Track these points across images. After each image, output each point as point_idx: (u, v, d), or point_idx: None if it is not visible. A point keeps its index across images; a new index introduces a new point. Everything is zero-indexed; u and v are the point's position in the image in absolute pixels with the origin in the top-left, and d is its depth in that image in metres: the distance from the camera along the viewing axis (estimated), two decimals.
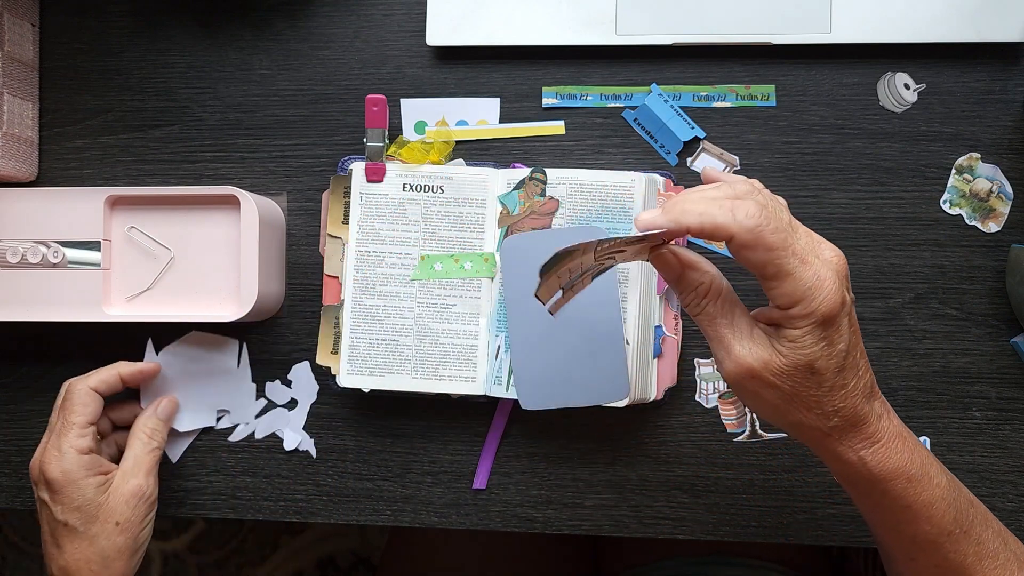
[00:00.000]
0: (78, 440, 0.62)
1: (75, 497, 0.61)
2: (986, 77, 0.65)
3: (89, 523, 0.61)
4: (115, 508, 0.61)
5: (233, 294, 0.66)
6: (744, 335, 0.48)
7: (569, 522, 0.68)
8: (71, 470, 0.61)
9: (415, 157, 0.67)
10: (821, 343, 0.46)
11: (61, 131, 0.71)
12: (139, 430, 0.65)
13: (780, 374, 0.47)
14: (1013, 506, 0.65)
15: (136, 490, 0.62)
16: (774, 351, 0.47)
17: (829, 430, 0.48)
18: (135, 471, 0.63)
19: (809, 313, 0.46)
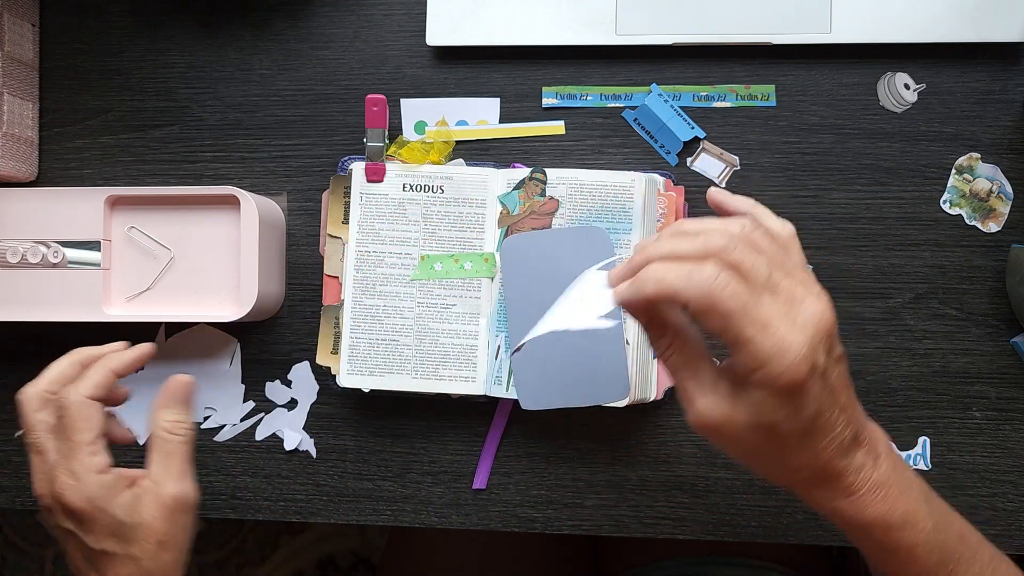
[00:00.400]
0: (91, 459, 0.53)
1: (106, 523, 0.52)
2: (986, 77, 0.65)
3: (128, 545, 0.52)
4: (152, 526, 0.52)
5: (233, 294, 0.66)
6: (707, 388, 0.46)
7: (569, 522, 0.68)
8: (95, 496, 0.52)
9: (415, 157, 0.67)
10: (784, 408, 0.44)
11: (61, 131, 0.71)
12: (158, 428, 0.55)
13: (741, 432, 0.45)
14: (1013, 506, 0.65)
15: (170, 501, 0.53)
16: (736, 408, 0.45)
17: (798, 482, 0.47)
18: (165, 478, 0.54)
19: (767, 382, 0.43)
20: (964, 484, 0.66)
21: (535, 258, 0.63)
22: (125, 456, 0.71)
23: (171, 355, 0.70)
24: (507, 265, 0.63)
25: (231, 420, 0.70)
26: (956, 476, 0.66)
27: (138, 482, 0.54)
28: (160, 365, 0.70)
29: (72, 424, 0.53)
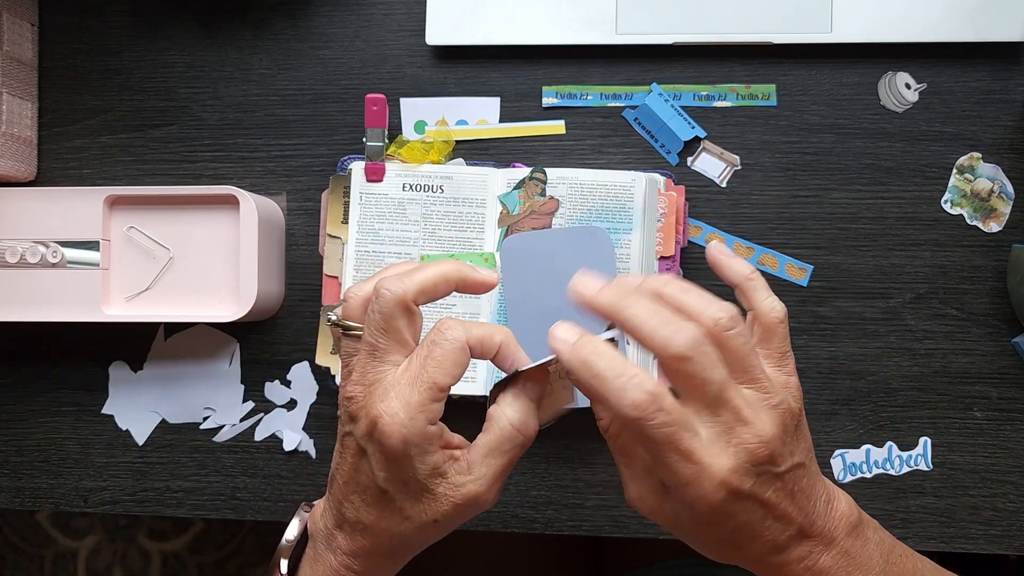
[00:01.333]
0: (433, 405, 0.46)
1: (406, 470, 0.46)
2: (987, 77, 0.65)
3: (409, 503, 0.47)
4: (441, 505, 0.47)
5: (232, 294, 0.66)
6: (638, 477, 0.46)
7: (569, 523, 0.68)
8: (414, 442, 0.45)
9: (415, 157, 0.67)
10: (702, 523, 0.44)
11: (60, 131, 0.71)
12: (505, 418, 0.48)
13: (670, 526, 0.46)
14: (1014, 506, 0.65)
15: (473, 500, 0.47)
16: (663, 506, 0.45)
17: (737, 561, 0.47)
18: (480, 472, 0.47)
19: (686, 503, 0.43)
20: (965, 484, 0.66)
21: (535, 258, 0.63)
22: (125, 457, 0.71)
23: (171, 355, 0.70)
24: (507, 265, 0.63)
25: (230, 420, 0.70)
26: (957, 476, 0.66)
27: (455, 452, 0.48)
28: (160, 365, 0.70)
29: (440, 362, 0.46)
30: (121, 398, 0.70)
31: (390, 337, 0.47)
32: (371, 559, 0.49)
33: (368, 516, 0.48)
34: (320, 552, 0.50)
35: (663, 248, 0.64)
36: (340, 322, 0.49)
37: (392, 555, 0.49)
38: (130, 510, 0.71)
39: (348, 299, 0.50)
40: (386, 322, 0.46)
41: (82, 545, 1.48)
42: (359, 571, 0.49)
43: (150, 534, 1.47)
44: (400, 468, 0.46)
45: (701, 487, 0.42)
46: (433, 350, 0.46)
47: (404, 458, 0.46)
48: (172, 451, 0.70)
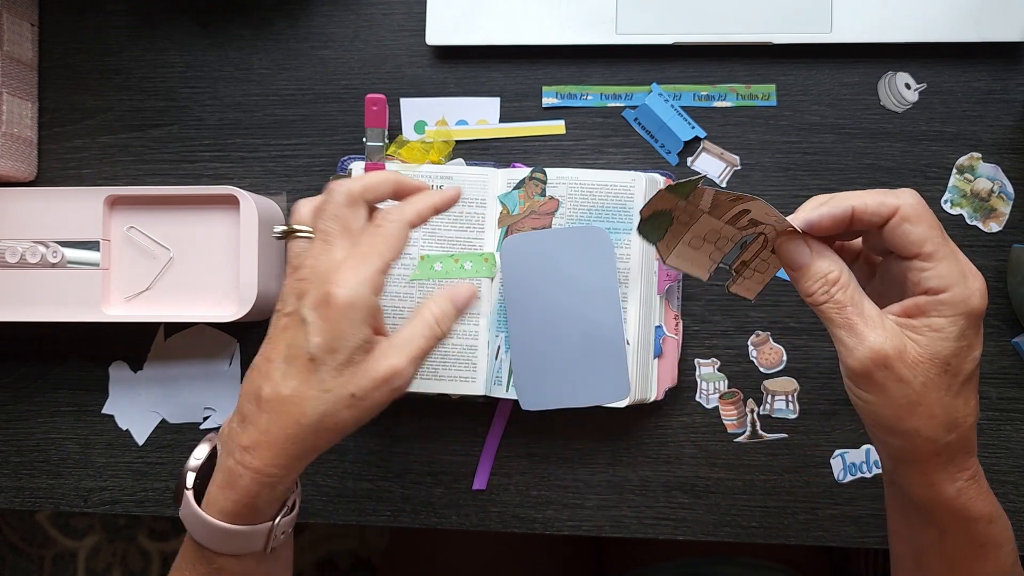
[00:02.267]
0: (379, 276, 0.50)
1: (340, 336, 0.49)
2: (987, 77, 0.65)
3: (331, 374, 0.49)
4: (360, 380, 0.49)
5: (233, 294, 0.66)
6: (876, 323, 0.46)
7: (569, 523, 0.68)
8: (356, 305, 0.49)
9: (415, 157, 0.67)
10: (962, 340, 0.45)
11: (60, 131, 0.71)
12: (426, 309, 0.52)
13: (914, 365, 0.45)
14: (1014, 506, 0.65)
15: (391, 373, 0.50)
16: (908, 341, 0.45)
17: (942, 447, 0.46)
18: (400, 349, 0.50)
19: (961, 300, 0.45)
20: None
21: (535, 258, 0.63)
22: (125, 457, 0.71)
23: (171, 355, 0.70)
24: (507, 265, 0.63)
25: None
26: None
27: (380, 333, 0.52)
28: (160, 365, 0.70)
29: (385, 239, 0.50)
30: (121, 398, 0.70)
31: (338, 223, 0.51)
32: (268, 452, 0.50)
33: (286, 387, 0.49)
34: (221, 460, 0.51)
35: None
36: (291, 227, 0.53)
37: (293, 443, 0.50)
38: (130, 510, 0.71)
39: (298, 207, 0.54)
40: (336, 209, 0.51)
41: (82, 545, 1.48)
42: (254, 469, 0.50)
43: (150, 534, 1.47)
44: (336, 331, 0.49)
45: (977, 279, 0.45)
46: (378, 231, 0.51)
47: (345, 320, 0.49)
48: (172, 451, 0.70)
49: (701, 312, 0.67)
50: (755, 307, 0.66)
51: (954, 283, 0.45)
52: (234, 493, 0.50)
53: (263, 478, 0.50)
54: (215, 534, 0.51)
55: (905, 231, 0.45)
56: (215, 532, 0.51)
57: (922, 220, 0.45)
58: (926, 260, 0.45)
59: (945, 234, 0.46)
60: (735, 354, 0.67)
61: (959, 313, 0.45)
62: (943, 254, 0.45)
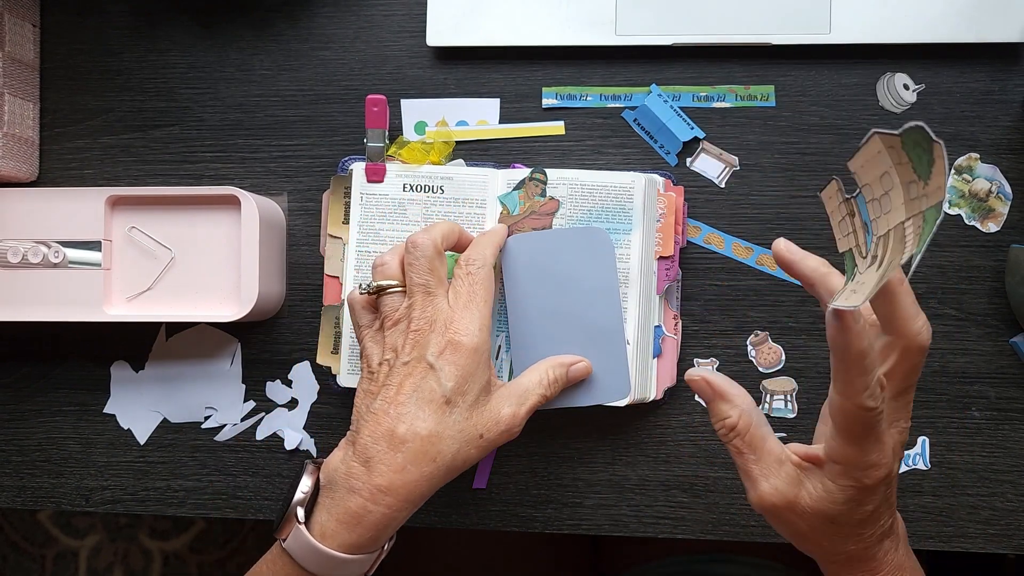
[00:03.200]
0: (487, 320, 0.55)
1: (471, 378, 0.53)
2: (985, 77, 0.66)
3: (465, 415, 0.53)
4: (486, 421, 0.54)
5: (234, 294, 0.66)
6: (771, 471, 0.47)
7: (569, 521, 0.68)
8: (481, 349, 0.54)
9: (415, 157, 0.67)
10: (852, 503, 0.46)
11: (62, 131, 0.71)
12: (545, 368, 0.58)
13: (801, 515, 0.47)
14: (1012, 506, 0.66)
15: (511, 418, 0.55)
16: (802, 491, 0.47)
17: (833, 561, 0.49)
18: (520, 401, 0.55)
19: (853, 479, 0.45)
20: (963, 484, 0.66)
21: (536, 258, 0.63)
22: (126, 456, 0.71)
23: (172, 355, 0.70)
24: (508, 265, 0.63)
25: (231, 420, 0.70)
26: (955, 476, 0.66)
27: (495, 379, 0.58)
28: (161, 365, 0.70)
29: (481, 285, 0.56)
30: (122, 398, 0.71)
31: (435, 276, 0.56)
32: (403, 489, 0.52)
33: (423, 427, 0.53)
34: (340, 496, 0.53)
35: (662, 248, 0.64)
36: (381, 283, 0.58)
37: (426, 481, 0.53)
38: (131, 509, 0.71)
39: (383, 263, 0.58)
40: (430, 263, 0.56)
41: (83, 544, 1.48)
42: (388, 505, 0.52)
43: (151, 533, 1.47)
44: (466, 374, 0.53)
45: (882, 466, 0.45)
46: (472, 279, 0.56)
47: (471, 363, 0.54)
48: (173, 450, 0.71)
49: (700, 312, 0.67)
50: (754, 307, 0.67)
51: (852, 463, 0.45)
52: (363, 529, 0.53)
53: (394, 513, 0.53)
54: (332, 563, 0.53)
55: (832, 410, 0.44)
56: (333, 562, 0.53)
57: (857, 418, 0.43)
58: (840, 437, 0.45)
59: (875, 427, 0.44)
60: (734, 354, 0.67)
61: (851, 486, 0.45)
62: (855, 442, 0.44)
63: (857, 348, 0.41)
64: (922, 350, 0.44)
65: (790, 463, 0.47)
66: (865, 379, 0.42)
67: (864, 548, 0.48)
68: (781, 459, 0.47)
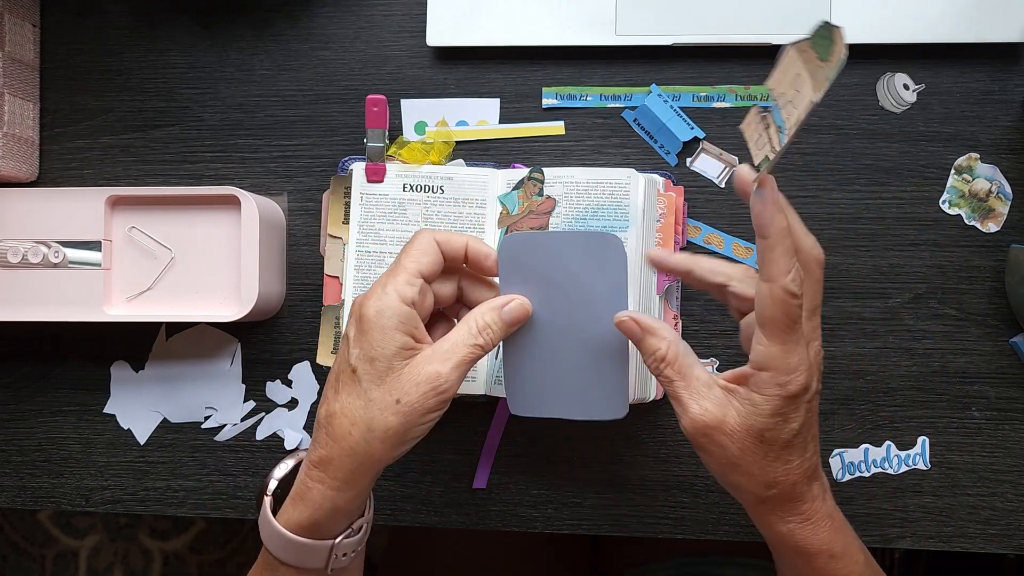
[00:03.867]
0: (404, 287, 0.53)
1: (375, 345, 0.52)
2: (985, 77, 0.66)
3: (372, 383, 0.52)
4: (403, 384, 0.52)
5: (234, 294, 0.66)
6: (701, 395, 0.50)
7: (569, 521, 0.68)
8: (384, 313, 0.52)
9: (415, 157, 0.67)
10: (777, 416, 0.48)
11: (62, 131, 0.71)
12: (472, 317, 0.54)
13: (731, 433, 0.49)
14: (1012, 505, 0.66)
15: (433, 377, 0.52)
16: (730, 410, 0.49)
17: (764, 499, 0.51)
18: (445, 357, 0.52)
19: (778, 384, 0.48)
20: (963, 484, 0.66)
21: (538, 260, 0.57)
22: (126, 456, 0.71)
23: (172, 355, 0.70)
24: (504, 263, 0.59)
25: (232, 420, 0.70)
26: (955, 476, 0.66)
27: (421, 343, 0.53)
28: (161, 365, 0.70)
29: (408, 251, 0.54)
30: (123, 398, 0.71)
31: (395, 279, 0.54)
32: (331, 466, 0.53)
33: (335, 404, 0.53)
34: (299, 476, 0.54)
35: (663, 248, 0.64)
36: None
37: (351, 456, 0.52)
38: (131, 509, 0.71)
39: None
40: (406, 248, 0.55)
41: (83, 544, 1.48)
42: (320, 480, 0.53)
43: (151, 533, 1.47)
44: (371, 340, 0.52)
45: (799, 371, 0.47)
46: (405, 248, 0.54)
47: (376, 328, 0.52)
48: (173, 450, 0.71)
49: (700, 312, 0.67)
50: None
51: (777, 368, 0.48)
52: (303, 505, 0.53)
53: (326, 491, 0.53)
54: (281, 543, 0.54)
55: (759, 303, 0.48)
56: (281, 541, 0.54)
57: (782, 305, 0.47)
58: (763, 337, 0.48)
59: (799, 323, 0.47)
60: (734, 354, 0.67)
61: (776, 394, 0.48)
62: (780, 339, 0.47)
63: (780, 223, 0.46)
64: (819, 263, 0.50)
65: (718, 386, 0.50)
66: (788, 261, 0.46)
67: (792, 484, 0.50)
68: (709, 383, 0.50)
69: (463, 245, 0.55)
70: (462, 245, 0.55)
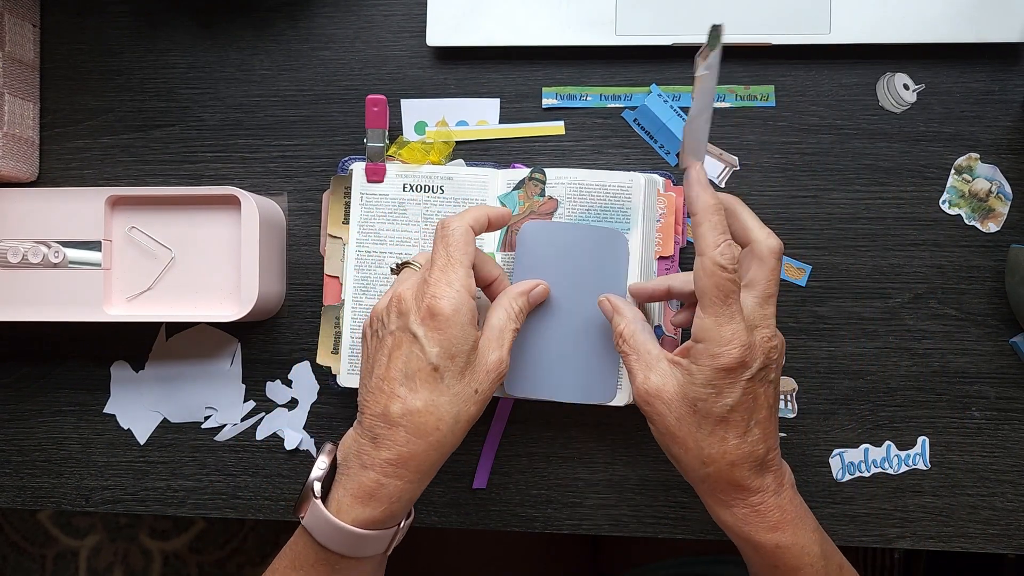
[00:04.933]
0: (468, 279, 0.54)
1: (456, 342, 0.53)
2: (985, 77, 0.66)
3: (455, 378, 0.53)
4: (478, 374, 0.54)
5: (234, 294, 0.66)
6: (650, 366, 0.53)
7: (569, 521, 0.68)
8: (461, 310, 0.53)
9: (415, 157, 0.67)
10: (709, 388, 0.51)
11: (62, 131, 0.71)
12: (507, 302, 0.57)
13: (669, 402, 0.52)
14: (1012, 505, 0.66)
15: (497, 363, 0.55)
16: (671, 380, 0.52)
17: (703, 477, 0.53)
18: (499, 342, 0.55)
19: (711, 355, 0.50)
20: (963, 484, 0.66)
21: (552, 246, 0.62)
22: (126, 456, 0.71)
23: (172, 355, 0.70)
24: (523, 247, 0.62)
25: (232, 420, 0.70)
26: (955, 476, 0.66)
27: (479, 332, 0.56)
28: (161, 365, 0.70)
29: (455, 244, 0.55)
30: (123, 398, 0.71)
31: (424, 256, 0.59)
32: (412, 462, 0.53)
33: (416, 401, 0.53)
34: (354, 472, 0.54)
35: (662, 248, 0.64)
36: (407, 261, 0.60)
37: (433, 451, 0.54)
38: (131, 509, 0.71)
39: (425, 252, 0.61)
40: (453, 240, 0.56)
41: (83, 544, 1.48)
42: (399, 476, 0.53)
43: (151, 533, 1.47)
44: (451, 338, 0.53)
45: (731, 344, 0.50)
46: (448, 240, 0.55)
47: (455, 326, 0.53)
48: (173, 450, 0.71)
49: None
50: None
51: (710, 338, 0.50)
52: (377, 503, 0.54)
53: (406, 485, 0.54)
54: (349, 539, 0.54)
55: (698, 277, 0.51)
56: (350, 537, 0.54)
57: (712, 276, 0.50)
58: (703, 308, 0.51)
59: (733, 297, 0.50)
60: None
61: (709, 365, 0.50)
62: (713, 311, 0.50)
63: (705, 200, 0.51)
64: (772, 252, 0.52)
65: (665, 360, 0.53)
66: (716, 236, 0.50)
67: (730, 465, 0.51)
68: (659, 357, 0.54)
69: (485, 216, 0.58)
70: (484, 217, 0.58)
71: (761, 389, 0.52)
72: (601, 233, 0.62)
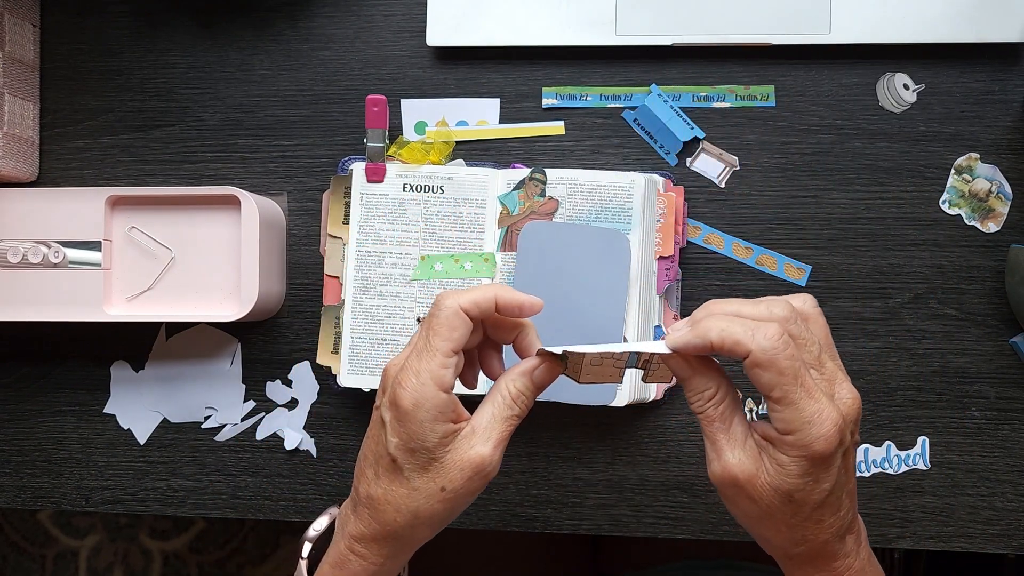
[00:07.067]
0: (440, 371, 0.49)
1: (414, 438, 0.49)
2: (985, 77, 0.66)
3: (416, 473, 0.50)
4: (448, 472, 0.50)
5: (234, 294, 0.66)
6: (737, 443, 0.48)
7: (569, 522, 0.68)
8: (423, 405, 0.49)
9: (415, 157, 0.67)
10: (806, 477, 0.46)
11: (62, 131, 0.71)
12: (504, 387, 0.51)
13: (761, 491, 0.47)
14: (1012, 505, 0.66)
15: (478, 462, 0.50)
16: (762, 467, 0.47)
17: (793, 555, 0.49)
18: (485, 436, 0.50)
19: (802, 446, 0.46)
20: (963, 484, 0.66)
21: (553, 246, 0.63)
22: (126, 456, 0.71)
23: (172, 355, 0.70)
24: (523, 248, 0.63)
25: (232, 420, 0.70)
26: (955, 476, 0.66)
27: (461, 425, 0.51)
28: (161, 365, 0.70)
29: (436, 328, 0.50)
30: (123, 398, 0.71)
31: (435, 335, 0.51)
32: (374, 544, 0.52)
33: (377, 488, 0.51)
34: (336, 539, 0.54)
35: (662, 248, 0.64)
36: None
37: (395, 539, 0.52)
38: (131, 509, 0.71)
39: None
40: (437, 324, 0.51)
41: (83, 544, 1.48)
42: (362, 555, 0.52)
43: (151, 533, 1.47)
44: (409, 433, 0.49)
45: (820, 428, 0.45)
46: (432, 322, 0.50)
47: (414, 421, 0.49)
48: (173, 450, 0.71)
49: None
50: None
51: (797, 428, 0.45)
52: (343, 573, 0.53)
53: (369, 565, 0.52)
54: None
55: (755, 376, 0.46)
56: None
57: (770, 367, 0.45)
58: (773, 404, 0.46)
59: (800, 374, 0.45)
60: None
61: (800, 456, 0.46)
62: (790, 400, 0.45)
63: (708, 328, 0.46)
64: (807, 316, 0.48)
65: (752, 438, 0.48)
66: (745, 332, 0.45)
67: (824, 542, 0.48)
68: (747, 433, 0.48)
69: (492, 299, 0.51)
70: (491, 300, 0.51)
71: (851, 458, 0.48)
72: (604, 233, 0.62)
